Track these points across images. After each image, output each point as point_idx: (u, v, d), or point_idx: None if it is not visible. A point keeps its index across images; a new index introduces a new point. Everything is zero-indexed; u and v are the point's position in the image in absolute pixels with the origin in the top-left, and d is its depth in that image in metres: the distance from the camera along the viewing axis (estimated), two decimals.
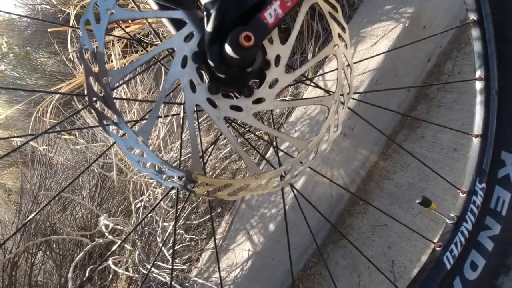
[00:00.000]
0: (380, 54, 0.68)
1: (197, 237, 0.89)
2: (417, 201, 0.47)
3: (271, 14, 0.25)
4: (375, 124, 0.69)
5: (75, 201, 1.07)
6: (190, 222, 0.92)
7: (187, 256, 0.86)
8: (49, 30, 1.11)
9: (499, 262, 0.40)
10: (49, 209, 0.99)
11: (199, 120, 0.89)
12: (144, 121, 0.36)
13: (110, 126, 0.28)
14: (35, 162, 1.27)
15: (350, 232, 0.71)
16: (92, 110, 0.27)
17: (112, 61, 0.89)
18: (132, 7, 0.98)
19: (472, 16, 0.44)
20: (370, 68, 0.69)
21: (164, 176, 0.30)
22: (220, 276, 0.51)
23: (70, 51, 0.98)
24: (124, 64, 1.00)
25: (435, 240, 0.47)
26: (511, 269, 0.39)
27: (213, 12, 0.26)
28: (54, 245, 1.01)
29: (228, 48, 0.25)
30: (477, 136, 0.45)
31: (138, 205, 0.87)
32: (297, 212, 0.60)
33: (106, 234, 0.78)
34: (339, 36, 0.33)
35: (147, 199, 0.86)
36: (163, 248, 0.85)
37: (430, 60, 0.71)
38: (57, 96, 0.94)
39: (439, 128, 0.66)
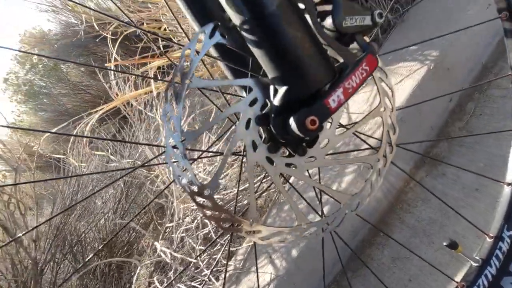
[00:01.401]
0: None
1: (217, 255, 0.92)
2: (445, 244, 0.49)
3: (334, 100, 0.28)
4: (397, 160, 0.72)
5: (100, 213, 1.10)
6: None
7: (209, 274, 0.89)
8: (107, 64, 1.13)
9: None
10: (77, 220, 1.03)
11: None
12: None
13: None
14: (61, 172, 1.32)
15: (371, 263, 0.73)
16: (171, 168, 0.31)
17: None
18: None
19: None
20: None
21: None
22: None
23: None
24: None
25: (458, 279, 0.49)
26: None
27: (281, 90, 0.29)
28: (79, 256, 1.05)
29: (293, 126, 0.28)
30: (509, 184, 0.48)
31: (172, 226, 0.90)
32: (320, 239, 0.63)
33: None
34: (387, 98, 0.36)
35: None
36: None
37: (452, 100, 0.73)
38: (96, 116, 0.99)
39: (460, 166, 0.68)
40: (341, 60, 0.32)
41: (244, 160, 0.37)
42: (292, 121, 0.28)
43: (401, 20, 0.88)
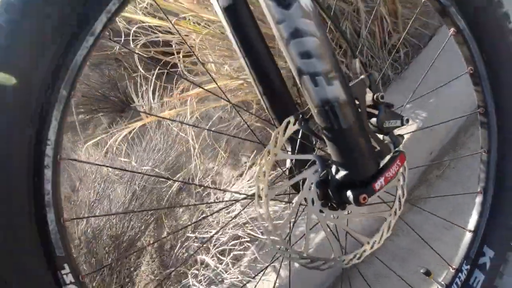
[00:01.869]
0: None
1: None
2: (422, 271, 0.66)
3: (378, 185, 0.43)
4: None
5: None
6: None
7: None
8: None
9: None
10: None
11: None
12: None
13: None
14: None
15: (358, 275, 0.90)
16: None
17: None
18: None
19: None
20: None
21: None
22: None
23: None
24: None
25: None
26: None
27: (342, 172, 0.44)
28: None
29: (350, 197, 0.43)
30: (470, 231, 0.65)
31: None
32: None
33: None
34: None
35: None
36: None
37: (433, 153, 0.92)
38: (124, 132, 1.08)
39: (434, 206, 0.86)
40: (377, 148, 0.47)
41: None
42: (350, 194, 0.42)
43: (399, 77, 1.06)
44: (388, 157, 0.47)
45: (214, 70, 1.14)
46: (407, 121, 0.47)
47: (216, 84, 0.72)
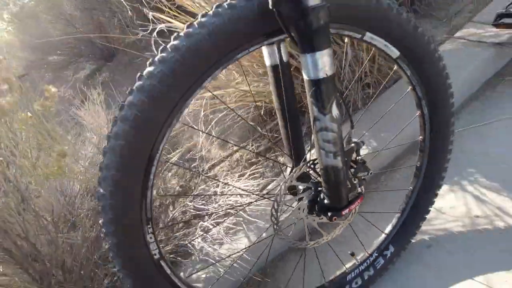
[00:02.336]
0: None
1: None
2: (349, 252, 1.02)
3: (346, 212, 0.75)
4: None
5: None
6: None
7: None
8: None
9: None
10: None
11: None
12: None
13: None
14: None
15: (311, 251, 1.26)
16: None
17: None
18: None
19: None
20: None
21: None
22: None
23: None
24: None
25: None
26: None
27: (327, 202, 0.74)
28: None
29: (327, 215, 0.74)
30: (385, 233, 1.02)
31: None
32: None
33: None
34: None
35: None
36: None
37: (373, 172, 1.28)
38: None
39: (368, 210, 1.23)
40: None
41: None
42: (328, 214, 0.74)
43: (366, 108, 1.38)
44: (355, 195, 0.78)
45: None
46: (371, 173, 0.79)
47: None
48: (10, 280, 0.96)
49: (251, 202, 1.21)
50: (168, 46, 0.59)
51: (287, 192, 0.81)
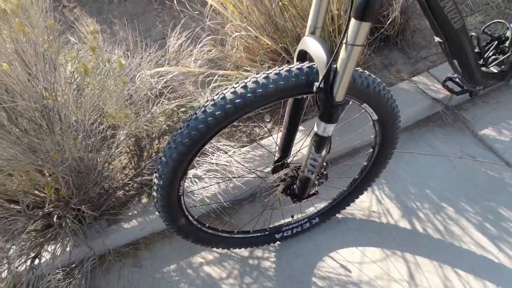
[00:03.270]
0: None
1: None
2: (291, 215, 1.50)
3: (305, 200, 1.18)
4: None
5: None
6: None
7: None
8: None
9: None
10: None
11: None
12: None
13: None
14: None
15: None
16: None
17: None
18: None
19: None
20: None
21: None
22: None
23: None
24: None
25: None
26: None
27: (297, 190, 1.17)
28: None
29: (294, 200, 1.17)
30: (330, 201, 1.51)
31: None
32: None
33: None
34: None
35: None
36: None
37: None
38: None
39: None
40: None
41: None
42: (294, 199, 1.17)
43: None
44: (313, 190, 1.22)
45: None
46: (327, 180, 1.22)
47: None
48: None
49: (244, 176, 1.59)
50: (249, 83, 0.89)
51: (271, 174, 1.22)
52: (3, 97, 0.86)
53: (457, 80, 1.58)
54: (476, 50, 1.19)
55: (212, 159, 1.62)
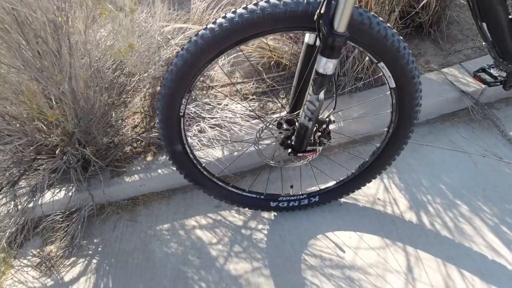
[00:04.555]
0: None
1: None
2: (290, 185, 1.43)
3: (300, 154, 1.11)
4: None
5: None
6: None
7: None
8: None
9: None
10: None
11: None
12: None
13: None
14: None
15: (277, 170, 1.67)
16: None
17: None
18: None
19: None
20: None
21: None
22: None
23: None
24: None
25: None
26: None
27: (292, 142, 1.11)
28: None
29: (288, 152, 1.12)
30: (334, 183, 1.43)
31: None
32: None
33: None
34: None
35: None
36: None
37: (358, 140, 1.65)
38: None
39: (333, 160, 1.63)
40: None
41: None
42: (289, 151, 1.11)
43: (350, 95, 1.69)
44: (310, 148, 1.15)
45: None
46: (329, 142, 1.14)
47: None
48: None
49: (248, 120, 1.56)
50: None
51: (275, 123, 1.17)
52: (18, 8, 0.88)
53: (491, 71, 1.45)
54: (510, 17, 1.05)
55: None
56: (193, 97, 1.75)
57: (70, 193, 1.59)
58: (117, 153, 1.66)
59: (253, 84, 1.85)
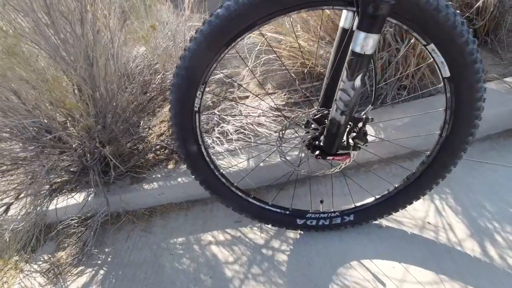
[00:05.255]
0: None
1: None
2: (320, 199, 1.22)
3: (330, 158, 0.93)
4: None
5: None
6: None
7: None
8: None
9: None
10: None
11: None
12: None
13: None
14: None
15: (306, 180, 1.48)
16: None
17: None
18: None
19: None
20: None
21: None
22: None
23: None
24: None
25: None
26: None
27: (322, 143, 0.93)
28: None
29: (316, 153, 0.93)
30: (365, 203, 1.21)
31: None
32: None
33: None
34: None
35: None
36: None
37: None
38: None
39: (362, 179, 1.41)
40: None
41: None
42: (317, 153, 0.93)
43: (393, 105, 1.49)
44: (342, 152, 0.96)
45: None
46: (366, 145, 0.95)
47: None
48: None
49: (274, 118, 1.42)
50: None
51: (301, 123, 0.99)
52: None
53: None
54: None
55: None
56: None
57: (89, 198, 1.52)
58: (139, 159, 1.58)
59: (285, 94, 1.72)
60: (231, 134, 1.47)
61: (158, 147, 1.65)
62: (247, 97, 1.75)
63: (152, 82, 1.51)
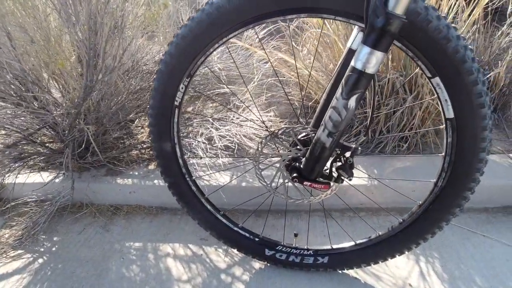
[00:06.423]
0: None
1: None
2: (294, 232, 1.08)
3: (307, 184, 0.83)
4: None
5: None
6: None
7: None
8: None
9: None
10: None
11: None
12: None
13: None
14: None
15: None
16: None
17: None
18: None
19: None
20: None
21: None
22: None
23: None
24: None
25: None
26: None
27: (301, 168, 0.83)
28: None
29: (294, 178, 0.83)
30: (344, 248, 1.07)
31: None
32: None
33: None
34: None
35: None
36: None
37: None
38: None
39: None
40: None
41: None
42: (294, 174, 0.82)
43: (389, 156, 1.41)
44: (321, 180, 0.86)
45: None
46: (350, 179, 0.84)
47: None
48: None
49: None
50: None
51: (283, 139, 0.89)
52: None
53: None
54: None
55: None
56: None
57: (56, 179, 1.40)
58: (122, 153, 1.48)
59: (285, 124, 1.66)
60: (216, 142, 1.38)
61: (144, 145, 1.56)
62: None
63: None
